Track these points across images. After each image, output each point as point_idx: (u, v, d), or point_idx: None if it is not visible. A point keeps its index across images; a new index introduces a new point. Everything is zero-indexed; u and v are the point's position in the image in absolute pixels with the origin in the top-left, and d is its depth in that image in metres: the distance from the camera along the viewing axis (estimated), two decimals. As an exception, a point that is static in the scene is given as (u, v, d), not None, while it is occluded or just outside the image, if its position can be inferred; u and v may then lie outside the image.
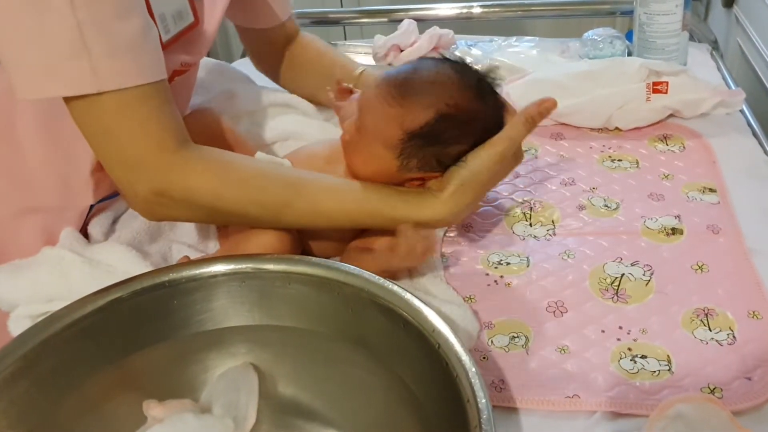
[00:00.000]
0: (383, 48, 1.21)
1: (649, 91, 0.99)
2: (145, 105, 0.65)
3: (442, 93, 0.71)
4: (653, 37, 1.08)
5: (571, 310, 0.73)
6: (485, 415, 0.51)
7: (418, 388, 0.59)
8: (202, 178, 0.68)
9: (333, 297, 0.63)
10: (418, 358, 0.59)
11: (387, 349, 0.61)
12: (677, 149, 0.96)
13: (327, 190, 0.73)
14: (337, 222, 0.73)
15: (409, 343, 0.59)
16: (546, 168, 0.96)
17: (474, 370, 0.55)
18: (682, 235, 0.81)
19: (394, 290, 0.62)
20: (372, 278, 0.63)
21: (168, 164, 0.67)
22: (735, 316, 0.70)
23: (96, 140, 0.67)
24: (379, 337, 0.62)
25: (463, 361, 0.55)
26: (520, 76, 1.09)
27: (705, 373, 0.65)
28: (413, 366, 0.60)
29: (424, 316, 0.59)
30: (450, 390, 0.55)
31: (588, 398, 0.64)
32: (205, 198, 0.68)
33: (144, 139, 0.66)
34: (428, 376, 0.58)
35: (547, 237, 0.83)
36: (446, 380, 0.55)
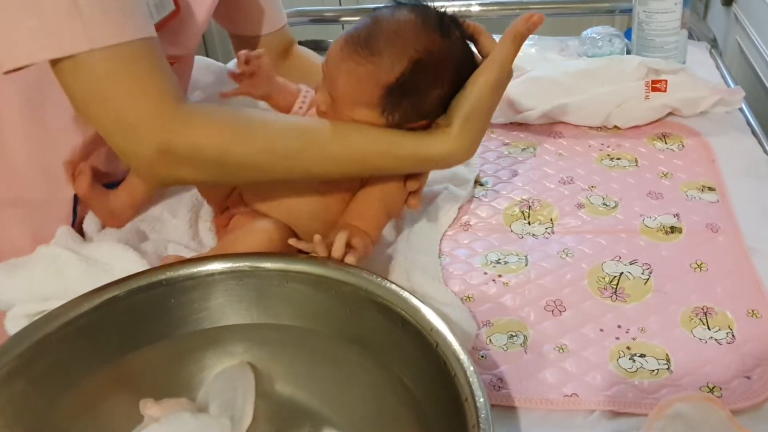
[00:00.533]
0: (381, 46, 1.20)
1: (648, 90, 0.99)
2: (140, 62, 0.63)
3: (409, 40, 0.69)
4: (652, 35, 1.08)
5: (570, 309, 0.73)
6: (483, 414, 0.51)
7: (416, 387, 0.59)
8: (207, 130, 0.65)
9: (331, 296, 0.63)
10: (416, 357, 0.59)
11: (385, 347, 0.61)
12: (676, 148, 0.96)
13: (335, 134, 0.69)
14: (348, 168, 0.70)
15: (407, 341, 0.59)
16: (544, 166, 0.95)
17: (472, 368, 0.54)
18: (681, 234, 0.81)
19: (392, 289, 0.61)
20: (370, 277, 0.63)
21: (170, 119, 0.64)
22: (734, 315, 0.70)
23: (92, 107, 0.63)
24: (377, 336, 0.62)
25: (461, 359, 0.55)
26: (519, 74, 1.09)
27: (704, 372, 0.65)
28: (411, 365, 0.60)
29: (422, 314, 0.59)
30: (448, 389, 0.55)
31: (586, 397, 0.64)
32: (211, 151, 0.65)
33: (142, 96, 0.63)
34: (426, 375, 0.58)
35: (545, 235, 0.83)
36: (444, 379, 0.55)
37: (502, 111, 1.04)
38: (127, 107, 0.63)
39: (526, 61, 1.15)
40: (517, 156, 0.98)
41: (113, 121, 0.64)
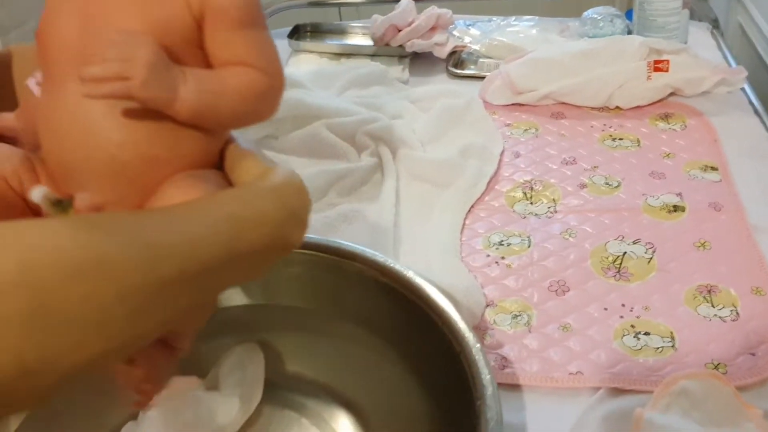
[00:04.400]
0: (381, 28, 1.20)
1: (650, 70, 0.99)
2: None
3: None
4: (654, 15, 1.07)
5: (573, 289, 0.73)
6: (489, 392, 0.52)
7: (422, 366, 0.59)
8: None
9: (335, 276, 0.63)
10: (422, 336, 0.59)
11: (390, 327, 0.62)
12: (678, 128, 0.96)
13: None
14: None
15: (413, 320, 0.60)
16: (546, 147, 0.95)
17: (478, 346, 0.55)
18: (684, 213, 0.81)
19: (396, 269, 0.62)
20: (374, 256, 0.63)
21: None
22: (738, 293, 0.70)
23: None
24: (383, 316, 0.62)
25: (467, 337, 0.55)
26: (520, 56, 1.09)
27: (709, 350, 0.65)
28: (417, 344, 0.60)
29: (426, 293, 0.59)
30: (454, 367, 0.55)
31: (591, 375, 0.64)
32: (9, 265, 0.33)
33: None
34: (432, 354, 0.58)
35: (548, 215, 0.83)
36: (450, 357, 0.56)
37: (502, 92, 1.04)
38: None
39: (527, 42, 1.15)
40: (519, 137, 0.98)
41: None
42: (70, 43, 0.44)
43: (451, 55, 1.18)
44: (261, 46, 0.47)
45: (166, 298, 0.39)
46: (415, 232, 0.82)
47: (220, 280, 0.43)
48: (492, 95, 1.05)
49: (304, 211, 0.47)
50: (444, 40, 1.18)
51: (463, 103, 1.01)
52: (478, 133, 0.97)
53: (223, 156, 0.48)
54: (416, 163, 0.91)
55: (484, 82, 1.07)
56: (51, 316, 0.33)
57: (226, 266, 0.42)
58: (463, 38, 1.20)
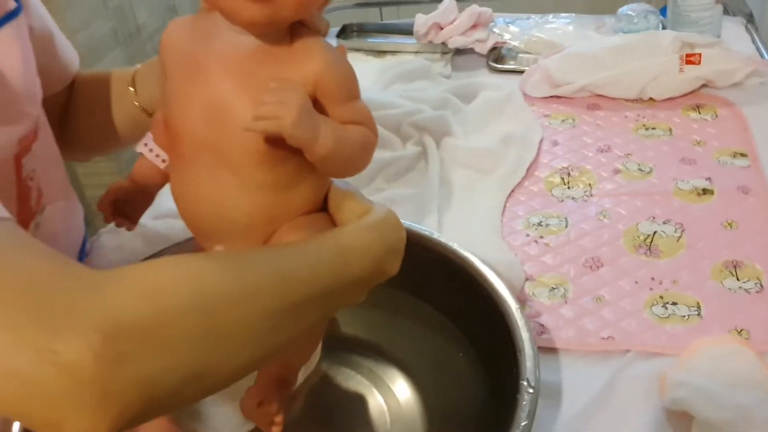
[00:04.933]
0: (424, 26, 1.26)
1: (682, 63, 1.03)
2: (8, 239, 0.42)
3: None
4: (687, 10, 1.12)
5: (607, 265, 0.79)
6: (528, 350, 0.57)
7: (468, 328, 0.66)
8: (168, 270, 0.44)
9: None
10: (467, 302, 0.65)
11: (438, 294, 0.68)
12: (710, 117, 1.01)
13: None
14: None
15: (459, 288, 0.66)
16: (583, 136, 1.01)
17: (518, 309, 0.61)
18: (713, 196, 0.86)
19: (442, 241, 0.68)
20: (421, 230, 0.69)
21: (96, 279, 0.41)
22: (763, 267, 0.75)
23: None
24: (430, 285, 0.68)
25: (509, 303, 0.62)
26: (557, 51, 1.14)
27: (733, 318, 0.70)
28: (463, 309, 0.66)
29: (471, 263, 0.66)
30: (496, 328, 0.61)
31: (622, 340, 0.69)
32: (183, 293, 0.42)
33: (38, 269, 0.40)
34: (477, 317, 0.64)
35: (584, 198, 0.89)
36: (493, 320, 0.62)
37: (541, 85, 1.10)
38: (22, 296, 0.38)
39: (564, 38, 1.21)
40: (557, 127, 1.03)
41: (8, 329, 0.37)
42: (198, 132, 0.53)
43: (492, 51, 1.24)
44: (364, 111, 0.56)
45: (295, 318, 0.49)
46: (459, 214, 0.88)
47: (333, 302, 0.53)
48: (531, 88, 1.10)
49: (400, 243, 0.58)
50: (485, 36, 1.23)
51: (504, 96, 1.07)
52: (518, 123, 1.03)
53: (326, 198, 0.58)
54: (459, 151, 0.97)
55: (523, 76, 1.12)
56: (215, 333, 0.43)
57: (337, 291, 0.52)
58: (503, 35, 1.26)
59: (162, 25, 1.81)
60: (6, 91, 0.63)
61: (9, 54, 0.64)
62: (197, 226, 0.59)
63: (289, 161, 0.54)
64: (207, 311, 0.43)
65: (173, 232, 0.83)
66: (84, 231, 0.82)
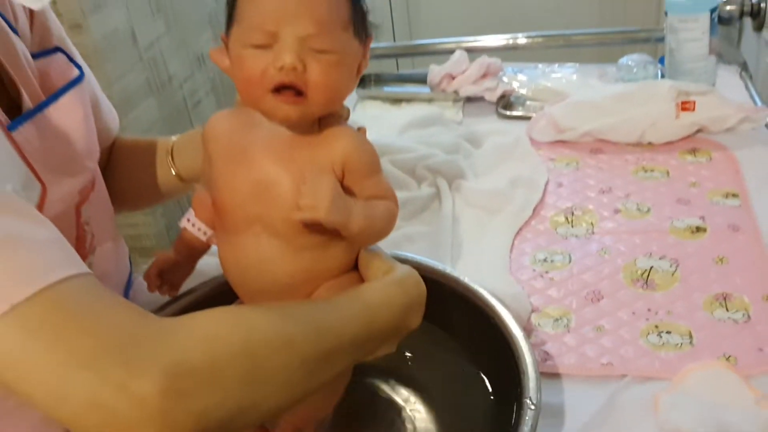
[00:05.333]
0: (437, 76, 1.35)
1: (678, 109, 1.11)
2: (88, 290, 0.50)
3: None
4: (682, 61, 1.20)
5: (607, 298, 0.85)
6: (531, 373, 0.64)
7: (477, 352, 0.73)
8: (220, 320, 0.54)
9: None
10: (477, 328, 0.72)
11: (450, 322, 0.75)
12: (705, 160, 1.08)
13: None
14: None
15: (470, 317, 0.73)
16: (586, 178, 1.08)
17: (524, 336, 0.68)
18: (705, 233, 0.92)
19: (455, 275, 0.75)
20: (435, 265, 0.77)
21: (162, 326, 0.50)
22: (750, 299, 0.81)
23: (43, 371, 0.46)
24: (444, 313, 0.75)
25: (514, 330, 0.68)
26: (562, 99, 1.22)
27: (722, 346, 0.76)
28: (473, 335, 0.73)
29: (481, 294, 0.73)
30: (503, 353, 0.68)
31: (619, 365, 0.76)
32: (234, 341, 0.52)
33: (114, 317, 0.49)
34: (485, 343, 0.71)
35: (586, 236, 0.96)
36: (500, 345, 0.68)
37: (547, 131, 1.17)
38: (102, 333, 0.47)
39: (569, 87, 1.29)
40: (562, 170, 1.11)
41: (82, 367, 0.46)
42: (246, 206, 0.64)
43: (501, 99, 1.32)
44: (386, 185, 0.67)
45: (328, 364, 0.58)
46: (470, 250, 0.95)
47: (362, 351, 0.62)
48: (537, 133, 1.18)
49: (421, 298, 0.67)
50: (494, 85, 1.32)
51: (512, 140, 1.15)
52: (525, 166, 1.11)
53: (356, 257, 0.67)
54: (470, 192, 1.04)
55: (530, 122, 1.20)
56: (258, 376, 0.52)
57: (365, 341, 0.61)
58: (511, 83, 1.35)
59: (190, 74, 1.92)
60: (71, 149, 0.72)
61: (73, 116, 0.73)
62: (243, 287, 0.68)
63: (325, 228, 0.63)
64: (253, 357, 0.52)
65: (208, 269, 0.90)
66: (129, 268, 0.90)
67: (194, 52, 1.92)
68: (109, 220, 0.85)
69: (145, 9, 1.71)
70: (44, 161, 0.67)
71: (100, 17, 1.53)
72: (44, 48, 0.76)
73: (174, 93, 1.81)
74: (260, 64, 0.60)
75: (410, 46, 1.80)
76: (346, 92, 0.65)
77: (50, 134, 0.71)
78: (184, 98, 1.89)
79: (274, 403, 0.54)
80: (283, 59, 0.59)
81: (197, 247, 0.75)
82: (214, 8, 2.06)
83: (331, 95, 0.62)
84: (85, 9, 1.47)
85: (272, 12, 0.60)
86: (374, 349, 0.64)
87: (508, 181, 1.06)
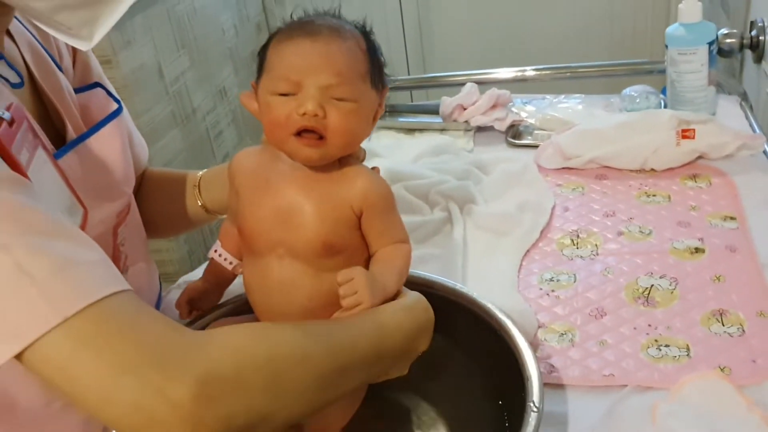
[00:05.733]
0: (449, 107, 1.41)
1: (678, 137, 1.16)
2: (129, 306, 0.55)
3: (346, 21, 0.73)
4: (683, 91, 1.25)
5: (609, 314, 0.90)
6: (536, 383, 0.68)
7: (485, 364, 0.77)
8: (247, 335, 0.60)
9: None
10: (485, 342, 0.77)
11: (460, 335, 0.80)
12: (704, 185, 1.13)
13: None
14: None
15: (479, 331, 0.78)
16: (591, 203, 1.13)
17: (530, 349, 0.72)
18: (704, 254, 0.97)
19: (464, 291, 0.81)
20: (445, 282, 0.82)
21: (196, 339, 0.56)
22: (745, 315, 0.86)
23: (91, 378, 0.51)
24: (455, 328, 0.80)
25: (521, 343, 0.73)
26: (569, 128, 1.28)
27: (717, 358, 0.81)
28: (481, 347, 0.78)
29: (489, 309, 0.78)
30: (510, 364, 0.72)
31: (621, 376, 0.80)
32: (259, 354, 0.58)
33: (153, 330, 0.54)
34: (493, 355, 0.76)
35: (591, 257, 1.01)
36: (507, 357, 0.73)
37: (553, 158, 1.23)
38: (141, 345, 0.53)
39: (575, 116, 1.35)
40: (568, 195, 1.16)
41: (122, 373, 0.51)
42: (271, 231, 0.71)
43: (510, 128, 1.38)
44: (399, 223, 0.75)
45: (341, 378, 0.64)
46: (480, 271, 1.00)
47: (373, 369, 0.68)
48: (545, 161, 1.24)
49: (430, 323, 0.73)
50: (504, 115, 1.38)
51: (520, 167, 1.21)
52: (533, 191, 1.16)
53: None
54: (480, 216, 1.10)
55: (537, 150, 1.26)
56: (279, 386, 0.58)
57: (375, 359, 0.67)
58: (520, 113, 1.41)
59: (213, 107, 2.00)
60: (110, 176, 0.79)
61: (112, 146, 0.80)
62: (266, 309, 0.74)
63: (343, 253, 0.70)
64: (275, 369, 0.58)
65: (231, 288, 0.96)
66: (159, 287, 0.96)
67: (216, 85, 2.01)
68: (142, 242, 0.91)
69: (170, 45, 1.80)
70: (85, 187, 0.74)
71: (129, 53, 1.62)
72: (85, 83, 0.83)
73: (197, 125, 1.89)
74: (285, 110, 0.67)
75: (423, 79, 1.88)
76: (363, 136, 0.73)
77: (91, 162, 0.78)
78: (207, 129, 1.97)
79: (292, 413, 0.59)
80: (305, 106, 0.66)
81: (224, 275, 0.82)
82: (234, 44, 2.15)
83: (349, 139, 0.69)
84: (115, 45, 1.56)
85: (297, 65, 0.67)
86: (385, 369, 0.70)
87: (516, 205, 1.11)
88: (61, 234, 0.56)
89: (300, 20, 0.72)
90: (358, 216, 0.71)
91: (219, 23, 2.05)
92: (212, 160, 1.94)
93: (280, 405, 0.58)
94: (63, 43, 0.83)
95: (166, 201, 0.96)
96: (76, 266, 0.54)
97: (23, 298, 0.51)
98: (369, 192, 0.71)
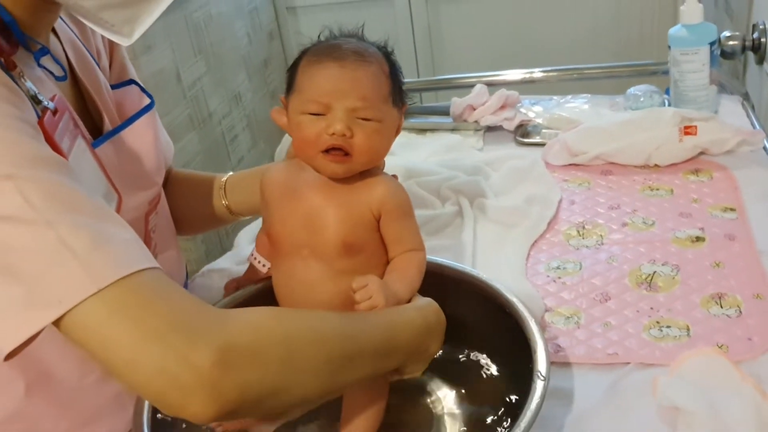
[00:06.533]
0: (459, 108, 1.46)
1: (681, 134, 1.21)
2: (159, 281, 0.60)
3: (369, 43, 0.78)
4: (686, 91, 1.30)
5: (614, 299, 0.94)
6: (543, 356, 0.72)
7: (495, 343, 0.82)
8: (266, 314, 0.64)
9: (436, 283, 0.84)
10: (496, 320, 0.81)
11: (473, 315, 0.84)
12: (706, 179, 1.17)
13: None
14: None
15: (490, 309, 0.82)
16: (596, 197, 1.18)
17: (537, 326, 0.76)
18: (704, 242, 1.01)
19: (474, 274, 0.85)
20: (455, 266, 0.87)
21: (219, 313, 0.60)
22: (742, 297, 0.90)
23: (121, 342, 0.56)
24: (465, 309, 0.84)
25: (529, 321, 0.77)
26: (575, 126, 1.32)
27: (715, 337, 0.85)
28: (491, 328, 0.83)
29: (497, 290, 0.82)
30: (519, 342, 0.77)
31: (624, 354, 0.84)
32: (276, 331, 0.62)
33: (180, 303, 0.59)
34: (502, 331, 0.80)
35: (596, 246, 1.05)
36: (516, 335, 0.77)
37: (560, 155, 1.28)
38: (168, 317, 0.57)
39: (582, 116, 1.39)
40: (574, 189, 1.21)
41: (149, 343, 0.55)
42: (296, 234, 0.77)
43: (519, 128, 1.42)
44: (415, 229, 0.81)
45: (351, 365, 0.68)
46: (489, 260, 1.05)
47: (383, 363, 0.72)
48: (552, 157, 1.28)
49: (441, 326, 0.77)
50: (512, 115, 1.43)
51: (528, 163, 1.25)
52: (540, 186, 1.21)
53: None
54: (490, 209, 1.14)
55: (545, 147, 1.30)
56: (292, 363, 0.62)
57: (385, 353, 0.71)
58: (528, 113, 1.45)
59: (228, 111, 2.06)
60: (143, 166, 0.85)
61: (145, 138, 0.85)
62: (290, 306, 0.79)
63: (362, 253, 0.76)
64: (289, 347, 0.62)
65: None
66: (185, 275, 1.01)
67: (231, 90, 2.07)
68: (171, 232, 0.96)
69: (188, 50, 1.86)
70: (120, 176, 0.79)
71: (149, 58, 1.68)
72: (121, 80, 0.89)
73: (213, 128, 1.95)
74: (315, 129, 0.74)
75: (434, 81, 1.94)
76: (385, 152, 0.79)
77: (126, 153, 0.83)
78: (223, 133, 2.03)
79: (304, 391, 0.63)
80: (335, 127, 0.73)
81: (259, 276, 0.89)
82: (248, 51, 2.21)
83: (373, 156, 0.76)
84: (136, 50, 1.62)
85: (327, 89, 0.74)
86: (396, 365, 0.74)
87: (524, 199, 1.16)
88: (99, 214, 0.61)
89: (327, 42, 0.78)
90: (376, 218, 0.77)
91: (233, 30, 2.11)
92: (227, 163, 1.99)
93: (293, 381, 0.62)
94: (102, 44, 0.89)
95: (193, 200, 1.02)
96: (113, 243, 0.58)
97: (65, 270, 0.55)
98: (387, 198, 0.76)
